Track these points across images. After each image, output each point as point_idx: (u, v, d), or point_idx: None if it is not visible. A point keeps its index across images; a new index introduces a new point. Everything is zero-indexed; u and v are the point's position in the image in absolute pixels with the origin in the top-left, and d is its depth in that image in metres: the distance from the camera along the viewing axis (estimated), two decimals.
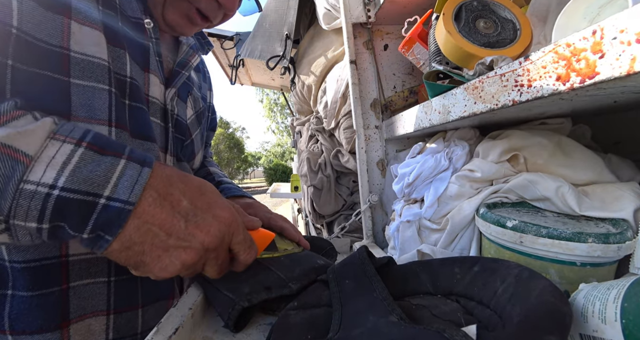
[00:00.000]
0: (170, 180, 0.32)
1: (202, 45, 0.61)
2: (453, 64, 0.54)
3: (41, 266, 0.37)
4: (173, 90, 0.50)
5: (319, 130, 1.22)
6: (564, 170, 0.43)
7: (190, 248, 0.32)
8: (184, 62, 0.53)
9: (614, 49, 0.24)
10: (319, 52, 1.12)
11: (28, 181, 0.26)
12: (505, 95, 0.36)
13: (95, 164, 0.28)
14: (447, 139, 0.58)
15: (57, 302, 0.38)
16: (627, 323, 0.20)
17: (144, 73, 0.45)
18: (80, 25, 0.36)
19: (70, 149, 0.28)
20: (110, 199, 0.28)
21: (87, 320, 0.41)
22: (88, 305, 0.41)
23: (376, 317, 0.28)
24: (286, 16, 1.26)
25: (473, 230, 0.47)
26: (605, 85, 0.26)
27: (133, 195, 0.29)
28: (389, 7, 0.74)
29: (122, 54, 0.41)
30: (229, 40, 1.80)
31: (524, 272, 0.27)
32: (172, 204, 0.31)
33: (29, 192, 0.26)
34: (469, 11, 0.51)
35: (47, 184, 0.27)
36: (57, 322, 0.38)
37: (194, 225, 0.32)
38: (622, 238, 0.32)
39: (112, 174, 0.29)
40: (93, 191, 0.28)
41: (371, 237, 0.74)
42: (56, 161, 0.27)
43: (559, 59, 0.29)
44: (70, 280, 0.39)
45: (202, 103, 0.62)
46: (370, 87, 0.79)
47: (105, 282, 0.42)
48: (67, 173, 0.27)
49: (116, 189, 0.29)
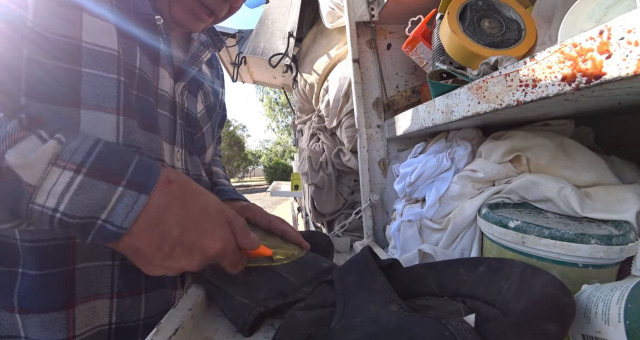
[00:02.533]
0: (167, 207, 0.34)
1: (214, 42, 0.62)
2: (457, 63, 0.53)
3: (49, 246, 0.39)
4: (182, 84, 0.51)
5: (320, 129, 1.22)
6: (567, 171, 0.42)
7: (172, 268, 0.36)
8: (194, 57, 0.54)
9: (621, 49, 0.24)
10: (321, 50, 1.11)
11: (35, 203, 0.29)
12: (510, 95, 0.35)
13: (92, 192, 0.31)
14: (450, 139, 0.58)
15: (63, 282, 0.40)
16: (630, 324, 0.20)
17: (154, 66, 0.46)
18: (91, 18, 0.38)
19: (70, 176, 0.30)
20: (106, 222, 0.31)
21: (91, 302, 0.42)
22: (93, 287, 0.42)
23: (377, 307, 0.29)
24: (289, 14, 1.26)
25: (475, 230, 0.47)
26: (612, 86, 0.26)
27: (127, 221, 0.31)
28: (392, 6, 0.73)
29: (133, 46, 0.42)
30: (232, 37, 1.80)
31: (528, 269, 0.27)
32: (162, 232, 0.33)
33: (38, 211, 0.30)
34: (473, 11, 0.51)
35: (50, 208, 0.29)
36: (63, 302, 0.40)
37: (179, 253, 0.35)
38: (624, 240, 0.32)
39: (109, 201, 0.31)
40: (90, 215, 0.31)
41: (371, 236, 0.74)
42: (56, 189, 0.29)
43: (565, 59, 0.29)
44: (77, 262, 0.41)
45: (213, 98, 0.62)
46: (372, 86, 0.79)
47: (110, 265, 0.43)
48: (67, 200, 0.30)
49: (112, 214, 0.31)
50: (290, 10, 1.25)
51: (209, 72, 0.64)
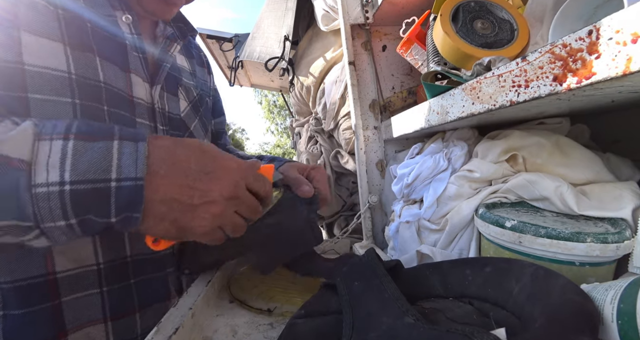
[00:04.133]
0: (170, 149, 0.33)
1: (183, 32, 0.58)
2: (451, 64, 0.54)
3: (28, 285, 0.37)
4: (159, 87, 0.49)
5: (318, 132, 1.22)
6: (563, 169, 0.43)
7: (213, 202, 0.34)
8: (162, 54, 0.51)
9: (610, 49, 0.24)
10: (317, 53, 1.12)
11: (37, 185, 0.26)
12: (503, 96, 0.36)
13: (90, 153, 0.28)
14: (446, 139, 0.58)
15: (50, 317, 0.39)
16: (622, 324, 0.20)
17: (125, 74, 0.44)
18: (32, 36, 0.35)
19: (61, 144, 0.28)
20: (119, 180, 0.29)
21: (85, 330, 0.41)
22: (84, 315, 0.41)
23: (391, 319, 0.27)
24: (285, 18, 1.26)
25: (472, 230, 0.47)
26: (602, 85, 0.27)
27: (139, 170, 0.30)
28: (387, 8, 0.74)
29: (91, 59, 0.39)
30: (228, 42, 1.80)
31: (540, 270, 0.26)
32: (182, 169, 0.32)
33: (43, 194, 0.26)
34: (466, 12, 0.51)
35: (56, 183, 0.27)
36: (53, 334, 0.39)
37: (207, 182, 0.33)
38: (620, 237, 0.32)
39: (111, 156, 0.29)
40: (100, 177, 0.28)
41: (371, 238, 0.74)
42: (53, 160, 0.27)
43: (556, 59, 0.29)
44: (61, 296, 0.39)
45: (196, 91, 0.59)
46: (369, 88, 0.79)
47: (98, 293, 0.42)
48: (69, 167, 0.27)
49: (121, 170, 0.29)
50: (286, 14, 1.25)
51: (188, 63, 0.61)
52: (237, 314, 0.45)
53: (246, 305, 0.46)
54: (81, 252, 0.41)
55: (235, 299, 0.48)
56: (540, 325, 0.21)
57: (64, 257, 0.39)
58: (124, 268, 0.45)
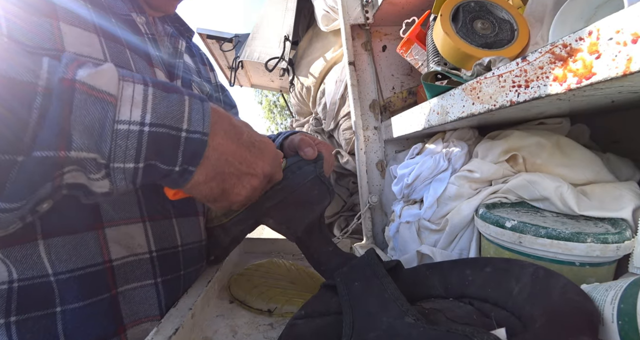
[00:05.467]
0: (228, 116, 0.34)
1: (181, 32, 0.60)
2: (451, 64, 0.54)
3: (87, 274, 0.37)
4: (179, 81, 0.50)
5: (318, 132, 1.22)
6: (563, 170, 0.43)
7: (255, 175, 0.35)
8: (173, 52, 0.52)
9: (610, 49, 0.24)
10: (317, 53, 1.12)
11: (120, 121, 0.27)
12: (503, 96, 0.36)
13: (167, 101, 0.29)
14: (446, 140, 0.58)
15: (109, 308, 0.38)
16: (622, 324, 0.20)
17: (151, 68, 0.45)
18: (69, 26, 0.36)
19: (142, 89, 0.28)
20: (189, 132, 0.30)
21: (142, 325, 0.40)
22: (141, 310, 0.40)
23: (391, 319, 0.27)
24: (285, 18, 1.26)
25: (472, 230, 0.47)
26: (602, 86, 0.27)
27: (205, 126, 0.31)
28: (387, 8, 0.74)
29: (123, 50, 0.40)
30: (228, 42, 1.80)
31: (540, 270, 0.26)
32: (237, 135, 0.34)
33: (124, 131, 0.27)
34: (466, 12, 0.51)
35: (137, 122, 0.27)
36: (113, 328, 0.38)
37: (255, 155, 0.35)
38: (621, 238, 0.32)
39: (184, 108, 0.30)
40: (175, 125, 0.29)
41: (371, 238, 0.74)
42: (137, 100, 0.28)
43: (556, 59, 0.29)
44: (117, 285, 0.39)
45: (206, 87, 0.61)
46: (369, 88, 0.79)
47: (152, 284, 0.42)
48: (150, 110, 0.28)
49: (191, 122, 0.30)
50: (286, 14, 1.25)
51: (192, 61, 0.62)
52: (237, 314, 0.45)
53: (246, 305, 0.46)
54: (134, 240, 0.41)
55: (235, 299, 0.48)
56: (541, 325, 0.21)
57: (117, 245, 0.39)
58: (176, 258, 0.45)
